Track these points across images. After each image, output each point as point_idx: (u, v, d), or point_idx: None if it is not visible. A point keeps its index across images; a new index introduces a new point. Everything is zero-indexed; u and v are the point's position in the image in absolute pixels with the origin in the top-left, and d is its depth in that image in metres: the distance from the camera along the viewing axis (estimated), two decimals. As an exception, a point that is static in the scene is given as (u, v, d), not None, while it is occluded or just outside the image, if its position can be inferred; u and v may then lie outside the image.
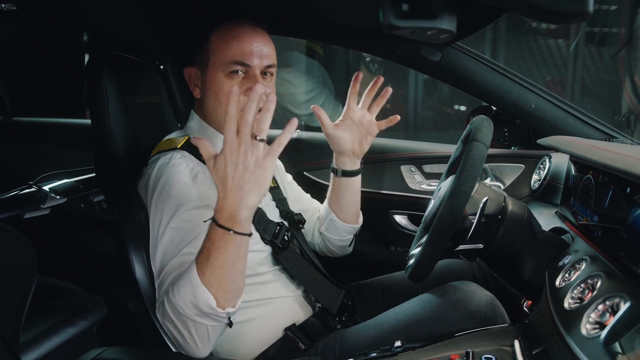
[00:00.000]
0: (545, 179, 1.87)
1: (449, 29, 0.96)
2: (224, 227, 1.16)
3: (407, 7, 0.91)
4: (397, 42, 1.93)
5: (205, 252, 1.20)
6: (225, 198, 1.16)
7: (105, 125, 1.52)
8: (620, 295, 0.97)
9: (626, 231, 1.09)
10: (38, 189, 1.94)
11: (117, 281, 1.90)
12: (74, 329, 1.82)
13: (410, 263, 1.47)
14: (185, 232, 1.33)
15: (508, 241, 1.38)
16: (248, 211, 1.18)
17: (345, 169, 1.75)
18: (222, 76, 1.48)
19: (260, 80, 1.47)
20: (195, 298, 1.19)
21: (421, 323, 1.40)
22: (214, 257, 1.18)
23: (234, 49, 1.46)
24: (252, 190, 1.15)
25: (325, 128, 1.70)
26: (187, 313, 1.21)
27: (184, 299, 1.20)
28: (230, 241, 1.17)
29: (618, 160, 1.19)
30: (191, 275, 1.20)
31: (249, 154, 1.12)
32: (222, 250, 1.18)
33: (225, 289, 1.21)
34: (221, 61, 1.47)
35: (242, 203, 1.16)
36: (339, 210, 1.79)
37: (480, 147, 1.31)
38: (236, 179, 1.14)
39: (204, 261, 1.19)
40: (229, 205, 1.16)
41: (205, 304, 1.19)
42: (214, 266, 1.18)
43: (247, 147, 1.12)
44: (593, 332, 0.96)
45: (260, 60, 1.48)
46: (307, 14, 1.81)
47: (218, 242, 1.18)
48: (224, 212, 1.16)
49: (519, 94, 2.02)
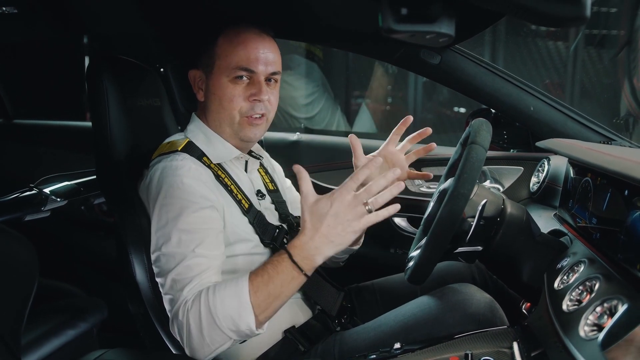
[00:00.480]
0: (544, 182, 1.88)
1: (447, 33, 0.97)
2: (297, 265, 1.23)
3: (406, 11, 0.92)
4: (396, 45, 1.93)
5: (266, 277, 1.24)
6: (311, 238, 1.22)
7: (106, 128, 1.53)
8: (618, 297, 0.97)
9: (624, 233, 1.10)
10: (39, 191, 1.95)
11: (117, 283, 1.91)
12: (74, 331, 1.83)
13: (410, 265, 1.47)
14: (194, 234, 1.34)
15: (507, 243, 1.38)
16: (323, 260, 1.25)
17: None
18: (226, 81, 1.48)
19: (264, 88, 1.49)
20: (238, 316, 1.22)
21: (420, 325, 1.40)
22: (274, 286, 1.23)
23: (240, 54, 1.47)
24: (336, 244, 1.23)
25: (356, 159, 1.69)
26: (222, 325, 1.23)
27: (225, 312, 1.23)
28: (295, 279, 1.24)
29: (616, 163, 1.20)
30: (241, 293, 1.23)
31: (353, 214, 1.21)
32: (285, 283, 1.23)
33: (267, 316, 1.26)
34: (226, 66, 1.48)
35: (324, 252, 1.23)
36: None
37: (479, 149, 1.31)
38: (331, 228, 1.21)
39: (261, 285, 1.23)
40: (311, 248, 1.22)
41: (246, 324, 1.23)
42: (270, 294, 1.23)
43: (358, 209, 1.21)
44: (591, 334, 0.96)
45: (266, 66, 1.49)
46: (307, 17, 1.82)
47: (284, 275, 1.23)
48: (303, 251, 1.23)
49: (518, 97, 2.03)
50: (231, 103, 1.49)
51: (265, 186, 1.67)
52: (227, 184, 1.50)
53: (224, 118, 1.51)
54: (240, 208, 1.50)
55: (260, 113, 1.51)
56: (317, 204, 1.23)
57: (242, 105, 1.49)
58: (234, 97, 1.49)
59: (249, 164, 1.62)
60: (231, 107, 1.49)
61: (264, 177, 1.69)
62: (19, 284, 1.02)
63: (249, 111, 1.50)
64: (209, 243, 1.35)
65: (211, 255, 1.35)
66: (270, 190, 1.68)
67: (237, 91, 1.48)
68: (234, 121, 1.51)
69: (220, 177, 1.49)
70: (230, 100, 1.49)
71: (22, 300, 1.02)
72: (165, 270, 1.34)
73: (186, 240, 1.34)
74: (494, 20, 1.57)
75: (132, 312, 1.58)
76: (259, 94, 1.48)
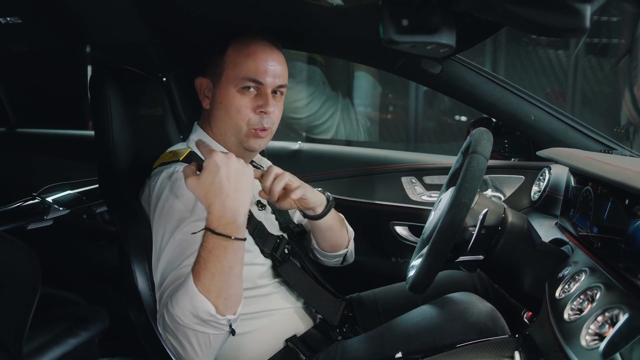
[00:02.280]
0: (545, 191, 1.88)
1: (448, 44, 0.98)
2: (222, 234, 1.20)
3: (407, 22, 0.93)
4: (397, 55, 1.94)
5: (202, 261, 1.21)
6: (223, 205, 1.21)
7: (109, 137, 1.53)
8: (619, 306, 0.98)
9: (625, 243, 1.10)
10: (41, 200, 1.96)
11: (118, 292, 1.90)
12: (75, 340, 1.82)
13: (411, 274, 1.47)
14: (186, 245, 1.34)
15: (508, 252, 1.38)
16: (244, 216, 1.24)
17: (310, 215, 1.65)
18: (234, 91, 1.49)
19: (270, 100, 1.50)
20: (194, 307, 1.20)
21: (422, 334, 1.40)
22: (212, 264, 1.20)
23: (249, 65, 1.48)
24: (244, 194, 1.23)
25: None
26: (187, 323, 1.21)
27: (183, 310, 1.21)
28: (229, 247, 1.20)
29: (617, 173, 1.20)
30: (188, 285, 1.21)
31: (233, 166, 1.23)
32: (221, 257, 1.20)
33: (224, 296, 1.22)
34: (235, 76, 1.48)
35: (240, 207, 1.22)
36: (321, 245, 1.74)
37: (480, 159, 1.31)
38: (231, 185, 1.21)
39: (200, 270, 1.21)
40: (227, 212, 1.21)
41: (204, 311, 1.20)
42: (212, 273, 1.20)
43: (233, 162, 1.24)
44: (592, 344, 0.96)
45: (274, 79, 1.50)
46: (310, 27, 1.83)
47: (216, 250, 1.20)
48: (221, 219, 1.20)
49: (518, 106, 2.03)
50: (238, 113, 1.50)
51: None
52: None
53: (229, 127, 1.52)
54: None
55: (266, 126, 1.52)
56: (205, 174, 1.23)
57: (251, 117, 1.50)
58: (241, 108, 1.49)
59: None
60: (238, 117, 1.50)
61: None
62: (22, 292, 1.02)
63: (257, 124, 1.50)
64: None
65: None
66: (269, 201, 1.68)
67: (245, 102, 1.49)
68: (240, 131, 1.51)
69: None
70: (238, 110, 1.49)
71: (25, 309, 1.03)
72: (160, 282, 1.34)
73: (181, 251, 1.34)
74: (495, 31, 1.58)
75: (133, 321, 1.57)
76: (265, 106, 1.49)
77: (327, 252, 1.75)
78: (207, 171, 1.22)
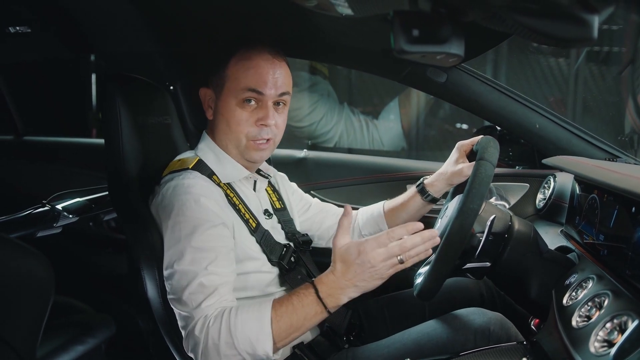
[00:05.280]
0: (550, 198, 1.89)
1: (457, 53, 0.99)
2: (322, 301, 1.24)
3: (418, 32, 0.95)
4: (403, 64, 1.96)
5: (290, 308, 1.25)
6: (338, 279, 1.24)
7: (118, 145, 1.55)
8: (628, 313, 0.99)
9: (632, 250, 1.11)
10: (51, 207, 1.97)
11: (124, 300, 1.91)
12: (83, 347, 1.83)
13: (419, 281, 1.48)
14: (207, 252, 1.35)
15: (515, 259, 1.39)
16: (348, 300, 1.27)
17: (433, 195, 1.74)
18: (234, 104, 1.49)
19: (271, 112, 1.50)
20: (257, 341, 1.24)
21: (432, 342, 1.41)
22: (297, 318, 1.24)
23: (250, 77, 1.48)
24: (361, 287, 1.25)
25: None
26: (239, 346, 1.24)
27: (245, 335, 1.24)
28: (319, 314, 1.25)
29: (623, 181, 1.21)
30: (263, 319, 1.25)
31: (384, 265, 1.23)
32: (308, 317, 1.25)
33: (285, 343, 1.28)
34: (235, 88, 1.49)
35: (348, 293, 1.25)
36: (395, 224, 1.76)
37: (487, 166, 1.33)
38: (357, 274, 1.23)
39: (284, 315, 1.25)
40: (337, 288, 1.24)
41: (263, 350, 1.24)
42: (292, 325, 1.25)
43: (389, 261, 1.23)
44: (602, 350, 0.97)
45: (275, 90, 1.50)
46: (316, 36, 1.85)
47: (308, 309, 1.24)
48: (329, 289, 1.24)
49: (523, 115, 2.05)
50: (238, 126, 1.50)
51: (272, 205, 1.68)
52: (235, 204, 1.51)
53: (230, 139, 1.53)
54: (247, 227, 1.50)
55: (266, 138, 1.52)
56: (346, 250, 1.26)
57: (249, 130, 1.50)
58: (241, 121, 1.50)
59: (257, 183, 1.63)
60: (238, 130, 1.50)
61: (271, 196, 1.70)
62: (36, 299, 1.03)
63: (256, 136, 1.51)
64: (221, 260, 1.36)
65: (223, 273, 1.35)
66: (277, 209, 1.68)
67: (245, 115, 1.49)
68: (240, 144, 1.52)
69: (229, 196, 1.51)
70: (238, 123, 1.50)
71: (38, 315, 1.04)
72: (179, 288, 1.34)
73: (199, 258, 1.34)
74: (501, 40, 1.60)
75: (141, 328, 1.58)
76: (265, 119, 1.49)
77: None
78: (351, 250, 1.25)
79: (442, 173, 1.70)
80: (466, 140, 1.69)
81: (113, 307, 2.17)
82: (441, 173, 1.70)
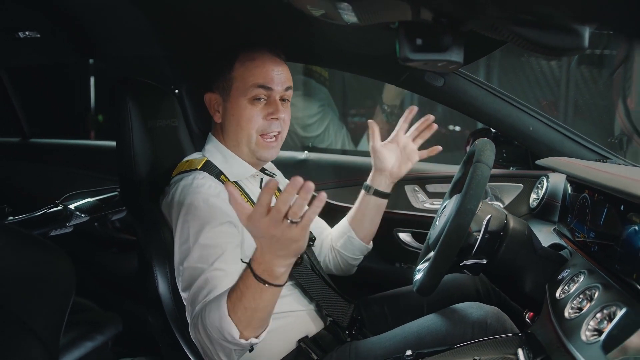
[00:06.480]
0: (544, 198, 1.95)
1: (457, 61, 1.06)
2: (259, 278, 1.21)
3: (421, 41, 1.01)
4: (402, 69, 2.02)
5: (239, 292, 1.25)
6: (262, 253, 1.20)
7: (130, 147, 1.60)
8: (617, 304, 1.05)
9: (620, 246, 1.17)
10: (64, 207, 2.02)
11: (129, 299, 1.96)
12: (92, 343, 1.88)
13: (418, 277, 1.54)
14: (214, 248, 1.41)
15: (510, 256, 1.45)
16: (284, 268, 1.22)
17: (379, 189, 1.84)
18: (245, 102, 1.58)
19: (280, 107, 1.59)
20: (221, 327, 1.26)
21: (432, 334, 1.47)
22: (247, 300, 1.24)
23: (256, 74, 1.57)
24: (284, 255, 1.19)
25: (374, 142, 1.82)
26: (213, 336, 1.28)
27: (212, 324, 1.27)
28: (264, 291, 1.23)
29: (613, 180, 1.27)
30: (221, 306, 1.26)
31: (277, 231, 1.12)
32: (257, 296, 1.23)
33: (252, 326, 1.28)
34: (244, 87, 1.57)
35: (279, 263, 1.21)
36: (359, 229, 1.86)
37: (484, 167, 1.39)
38: (270, 247, 1.17)
39: (236, 300, 1.25)
40: (266, 262, 1.20)
41: (229, 334, 1.26)
42: (246, 307, 1.25)
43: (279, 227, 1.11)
44: (592, 338, 1.04)
45: (281, 85, 1.60)
46: (316, 42, 1.90)
47: (253, 289, 1.23)
48: (260, 264, 1.21)
49: (517, 118, 2.11)
50: (249, 123, 1.58)
51: None
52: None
53: (242, 138, 1.60)
54: None
55: (276, 131, 1.60)
56: (250, 229, 1.17)
57: (260, 124, 1.58)
58: (252, 117, 1.58)
59: (263, 181, 1.70)
60: (249, 127, 1.58)
61: (276, 194, 1.76)
62: (59, 292, 1.09)
63: (266, 129, 1.59)
64: (227, 256, 1.42)
65: (228, 269, 1.41)
66: None
67: (256, 111, 1.58)
68: (251, 140, 1.59)
69: None
70: (249, 120, 1.58)
71: (61, 308, 1.09)
72: (187, 285, 1.41)
73: (206, 255, 1.41)
74: (497, 47, 1.66)
75: (147, 325, 1.63)
76: (276, 112, 1.58)
77: (365, 242, 1.87)
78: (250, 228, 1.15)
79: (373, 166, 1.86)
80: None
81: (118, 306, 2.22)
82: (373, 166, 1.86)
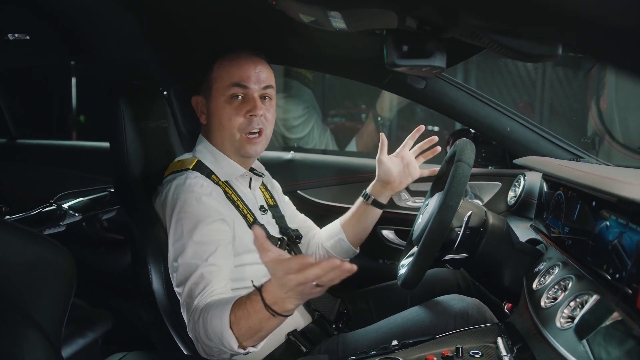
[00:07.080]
0: (521, 196, 2.03)
1: (440, 65, 1.14)
2: (270, 308, 1.26)
3: (407, 48, 1.09)
4: (385, 72, 2.08)
5: (245, 312, 1.29)
6: (276, 290, 1.24)
7: (123, 148, 1.64)
8: (588, 292, 1.13)
9: (593, 240, 1.25)
10: (58, 206, 2.05)
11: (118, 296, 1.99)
12: (83, 340, 1.90)
13: (402, 272, 1.61)
14: (207, 245, 1.47)
15: (489, 251, 1.53)
16: (295, 305, 1.28)
17: (377, 200, 1.90)
18: (223, 101, 1.62)
19: (258, 104, 1.62)
20: (222, 336, 1.31)
21: (416, 325, 1.54)
22: (253, 322, 1.29)
23: (233, 74, 1.62)
24: (300, 299, 1.27)
25: (381, 154, 1.87)
26: (212, 339, 1.33)
27: (213, 330, 1.32)
28: (272, 319, 1.28)
29: (586, 178, 1.34)
30: (223, 318, 1.31)
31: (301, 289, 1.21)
32: (263, 322, 1.29)
33: (253, 340, 1.33)
34: (222, 86, 1.62)
35: (291, 302, 1.26)
36: (351, 233, 1.91)
37: (464, 167, 1.46)
38: (288, 292, 1.23)
39: (241, 318, 1.30)
40: (279, 297, 1.25)
41: (228, 344, 1.31)
42: (250, 327, 1.30)
43: (303, 286, 1.20)
44: (566, 325, 1.12)
45: (259, 84, 1.63)
46: (302, 46, 1.96)
47: (260, 314, 1.28)
48: (273, 297, 1.26)
49: (495, 119, 2.19)
50: (230, 122, 1.62)
51: (266, 202, 1.79)
52: (234, 200, 1.62)
53: (225, 137, 1.65)
54: (246, 222, 1.62)
55: (258, 128, 1.63)
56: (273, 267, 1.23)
57: (240, 121, 1.62)
58: (232, 116, 1.62)
59: (252, 181, 1.75)
60: (230, 125, 1.62)
61: (264, 194, 1.82)
62: (61, 285, 1.13)
63: (247, 127, 1.62)
64: (220, 252, 1.48)
65: (222, 264, 1.47)
66: (270, 206, 1.80)
67: (234, 110, 1.62)
68: (234, 139, 1.64)
69: (227, 193, 1.62)
70: (229, 119, 1.62)
71: (63, 301, 1.13)
72: (182, 280, 1.46)
73: (200, 251, 1.46)
74: (476, 52, 1.73)
75: (138, 321, 1.67)
76: (254, 110, 1.61)
77: (354, 246, 1.92)
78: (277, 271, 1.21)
79: (377, 176, 1.90)
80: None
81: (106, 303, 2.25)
82: (377, 176, 1.90)
